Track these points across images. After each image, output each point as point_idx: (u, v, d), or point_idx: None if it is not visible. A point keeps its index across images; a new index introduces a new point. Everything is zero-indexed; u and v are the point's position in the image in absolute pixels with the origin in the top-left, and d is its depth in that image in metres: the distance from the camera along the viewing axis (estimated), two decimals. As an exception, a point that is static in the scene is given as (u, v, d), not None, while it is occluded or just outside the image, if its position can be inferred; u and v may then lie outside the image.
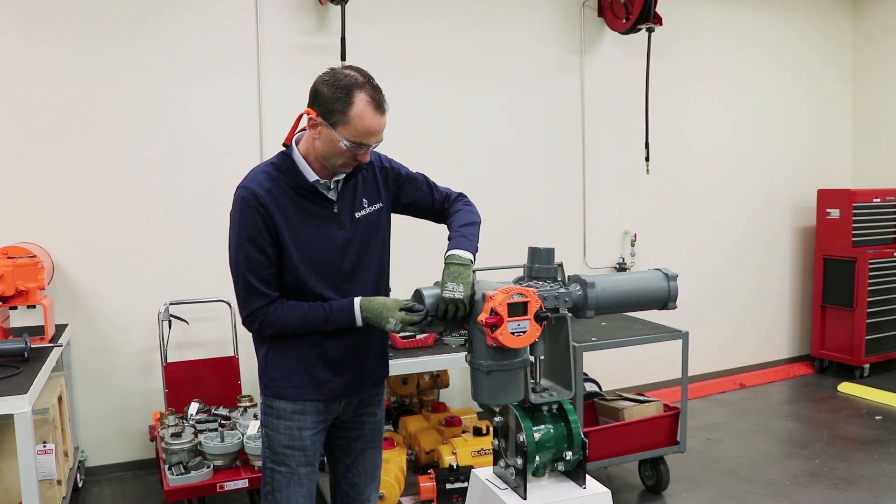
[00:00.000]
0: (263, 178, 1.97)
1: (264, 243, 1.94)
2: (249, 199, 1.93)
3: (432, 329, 2.05)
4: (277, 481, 2.10)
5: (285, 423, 2.08)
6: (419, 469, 3.67)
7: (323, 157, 1.97)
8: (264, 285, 1.96)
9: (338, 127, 1.89)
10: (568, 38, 5.11)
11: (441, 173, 4.72)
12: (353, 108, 1.87)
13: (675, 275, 2.25)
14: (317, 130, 1.93)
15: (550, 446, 2.08)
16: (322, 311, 2.00)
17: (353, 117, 1.88)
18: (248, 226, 1.93)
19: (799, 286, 6.24)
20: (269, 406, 2.10)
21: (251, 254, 1.94)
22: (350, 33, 4.21)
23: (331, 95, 1.89)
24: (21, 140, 3.83)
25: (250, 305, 1.98)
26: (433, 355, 3.27)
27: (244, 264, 1.95)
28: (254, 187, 1.94)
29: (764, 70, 5.87)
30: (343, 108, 1.87)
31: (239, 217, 1.95)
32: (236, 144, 4.22)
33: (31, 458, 2.54)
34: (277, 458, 2.09)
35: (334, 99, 1.88)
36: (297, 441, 2.09)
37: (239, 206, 1.95)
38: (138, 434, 4.14)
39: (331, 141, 1.91)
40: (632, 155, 5.24)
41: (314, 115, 1.92)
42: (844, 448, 4.37)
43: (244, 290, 1.98)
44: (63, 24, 3.84)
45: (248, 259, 1.94)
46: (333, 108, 1.88)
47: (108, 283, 4.02)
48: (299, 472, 2.10)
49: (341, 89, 1.88)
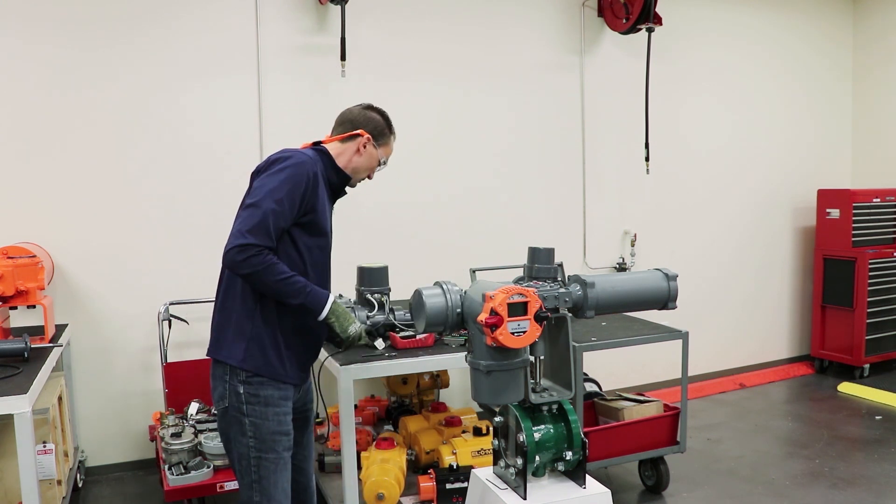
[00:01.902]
0: (316, 160, 2.27)
1: (298, 202, 2.15)
2: (308, 165, 2.19)
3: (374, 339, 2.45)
4: (265, 468, 2.19)
5: (273, 409, 2.20)
6: (419, 469, 3.67)
7: (355, 170, 2.40)
8: (275, 232, 2.11)
9: (380, 147, 2.43)
10: (568, 38, 5.11)
11: (441, 173, 4.79)
12: (393, 135, 2.47)
13: (675, 275, 2.25)
14: (364, 149, 2.38)
15: (550, 446, 2.08)
16: (303, 283, 2.15)
17: (391, 141, 2.47)
18: (297, 182, 2.15)
19: (799, 286, 6.25)
20: (254, 395, 2.18)
21: (284, 203, 2.12)
22: (350, 33, 4.22)
23: (382, 123, 2.44)
24: (21, 140, 3.83)
25: (252, 238, 2.06)
26: (433, 355, 3.27)
27: (273, 206, 2.10)
28: (313, 158, 2.25)
29: (764, 70, 5.87)
30: (389, 134, 2.46)
31: (291, 171, 2.15)
32: (236, 144, 4.22)
33: (31, 458, 2.54)
34: (266, 446, 2.19)
35: (385, 126, 2.44)
36: (284, 426, 2.23)
37: (296, 166, 2.17)
38: (138, 434, 4.14)
39: (373, 158, 2.41)
40: (632, 155, 5.25)
41: (369, 137, 2.38)
42: (844, 448, 4.37)
43: (256, 224, 2.08)
44: (63, 24, 3.84)
45: (279, 204, 2.11)
46: (383, 133, 2.43)
47: (108, 283, 4.02)
48: (284, 457, 2.24)
49: (388, 120, 2.46)
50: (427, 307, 1.99)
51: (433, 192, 4.73)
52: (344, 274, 2.95)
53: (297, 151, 2.25)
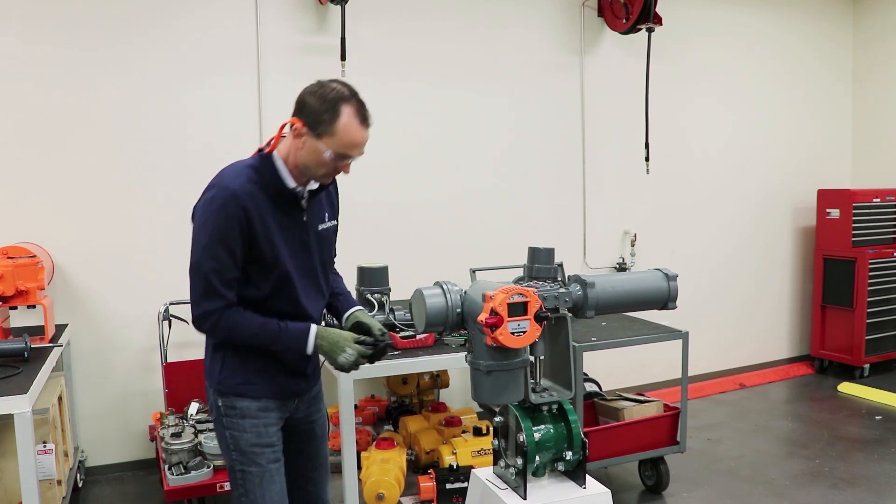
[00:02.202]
0: (244, 178, 1.95)
1: (236, 246, 1.94)
2: (230, 200, 1.91)
3: (375, 359, 2.11)
4: (249, 481, 2.09)
5: (251, 421, 2.08)
6: (419, 469, 3.67)
7: (304, 167, 1.99)
8: (225, 287, 1.96)
9: (324, 138, 1.93)
10: (568, 38, 5.11)
11: (441, 173, 4.78)
12: (339, 119, 1.91)
13: (675, 275, 2.25)
14: (301, 140, 1.95)
15: (550, 446, 2.08)
16: (276, 328, 2.01)
17: (339, 129, 1.92)
18: (224, 227, 1.91)
19: (799, 286, 6.24)
20: (230, 407, 2.08)
21: (220, 255, 1.93)
22: (350, 33, 4.22)
23: (318, 107, 1.92)
24: (21, 140, 3.83)
25: (207, 305, 1.96)
26: (433, 355, 3.27)
27: (210, 264, 1.93)
28: (235, 188, 1.92)
29: (764, 70, 5.87)
30: (330, 119, 1.91)
31: (215, 216, 1.91)
32: (236, 144, 4.20)
33: (31, 458, 2.54)
34: (247, 458, 2.08)
35: (322, 110, 1.91)
36: (264, 438, 2.10)
37: (217, 205, 1.91)
38: (138, 434, 4.14)
39: (315, 151, 1.94)
40: (632, 155, 5.25)
41: (300, 125, 1.94)
42: (844, 448, 4.37)
43: (204, 289, 1.95)
44: (63, 24, 3.84)
45: (215, 259, 1.93)
46: (321, 120, 1.91)
47: (108, 283, 4.02)
48: (270, 469, 2.11)
49: (329, 102, 1.91)
50: (427, 307, 1.98)
51: (433, 191, 4.72)
52: (344, 274, 2.94)
53: (225, 179, 1.96)
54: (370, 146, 2.04)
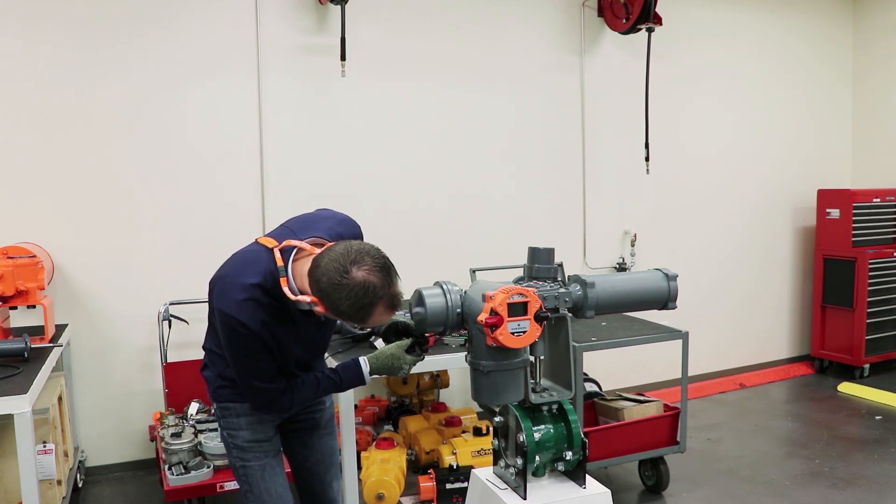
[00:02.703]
0: (255, 308, 1.89)
1: (265, 357, 1.99)
2: (251, 336, 1.91)
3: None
4: (252, 476, 2.17)
5: (246, 418, 2.17)
6: (419, 469, 3.67)
7: None
8: (270, 382, 2.04)
9: (350, 321, 1.88)
10: (568, 38, 5.11)
11: (440, 173, 4.78)
12: (371, 318, 1.85)
13: (675, 275, 2.25)
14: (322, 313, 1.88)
15: (550, 446, 2.08)
16: (334, 381, 2.15)
17: (369, 322, 1.87)
18: (251, 349, 1.95)
19: (799, 286, 6.24)
20: (226, 409, 2.18)
21: (253, 366, 2.00)
22: (350, 33, 4.21)
23: (350, 312, 1.82)
24: (21, 140, 3.83)
25: (261, 400, 2.07)
26: (433, 355, 3.26)
27: (247, 374, 2.01)
28: (255, 327, 1.89)
29: (764, 70, 5.87)
30: (363, 318, 1.83)
31: (241, 343, 1.94)
32: (236, 144, 4.22)
33: (31, 458, 2.54)
34: (247, 455, 2.18)
35: (353, 315, 1.83)
36: (260, 433, 2.18)
37: (240, 338, 1.92)
38: (138, 434, 4.14)
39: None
40: (632, 155, 5.24)
41: (322, 310, 1.86)
42: (844, 448, 4.37)
43: (251, 391, 2.05)
44: (63, 24, 3.84)
45: (250, 371, 2.01)
46: (351, 317, 1.83)
47: (108, 283, 4.02)
48: (271, 463, 2.20)
49: (364, 308, 1.80)
50: (427, 307, 1.98)
51: (433, 191, 4.72)
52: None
53: (233, 301, 1.89)
54: (370, 146, 2.05)
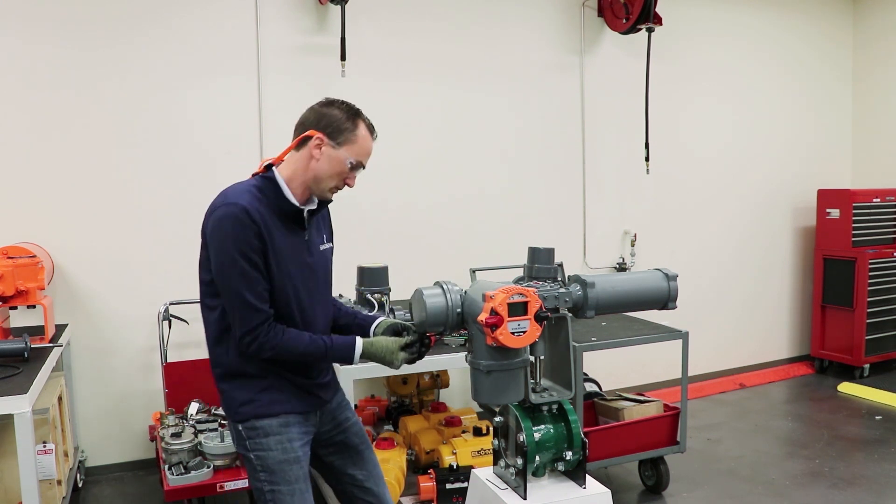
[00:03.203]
0: (250, 197, 1.96)
1: (257, 258, 1.94)
2: (241, 215, 1.91)
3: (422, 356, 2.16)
4: (280, 501, 2.05)
5: (275, 438, 2.05)
6: (419, 469, 3.67)
7: (316, 180, 2.02)
8: (260, 301, 1.96)
9: (344, 146, 2.01)
10: (568, 38, 5.11)
11: (440, 173, 4.78)
12: (358, 129, 2.02)
13: (675, 275, 2.25)
14: (320, 151, 2.00)
15: (550, 446, 2.08)
16: (323, 344, 2.04)
17: (359, 137, 2.02)
18: (242, 241, 1.91)
19: (799, 286, 6.24)
20: (252, 429, 2.06)
21: (246, 270, 1.93)
22: (350, 33, 4.21)
23: (340, 117, 2.01)
24: (21, 140, 3.83)
25: (249, 323, 1.95)
26: (433, 355, 3.26)
27: (240, 281, 1.93)
28: (244, 203, 1.92)
29: (764, 70, 5.87)
30: (352, 128, 2.01)
31: (231, 233, 1.91)
32: (236, 144, 4.22)
33: (31, 458, 2.54)
34: (276, 478, 2.05)
35: (343, 120, 2.01)
36: (290, 453, 2.07)
37: (229, 222, 1.92)
38: (138, 434, 4.14)
39: (334, 160, 2.00)
40: (632, 155, 5.24)
41: (321, 136, 1.99)
42: (844, 448, 4.37)
43: (241, 309, 1.95)
44: (63, 24, 3.84)
45: (243, 276, 1.93)
46: (343, 128, 2.00)
47: (108, 283, 4.02)
48: (300, 487, 2.07)
49: (350, 113, 2.02)
50: (427, 307, 1.98)
51: (433, 191, 4.72)
52: (344, 274, 2.95)
53: (230, 198, 1.95)
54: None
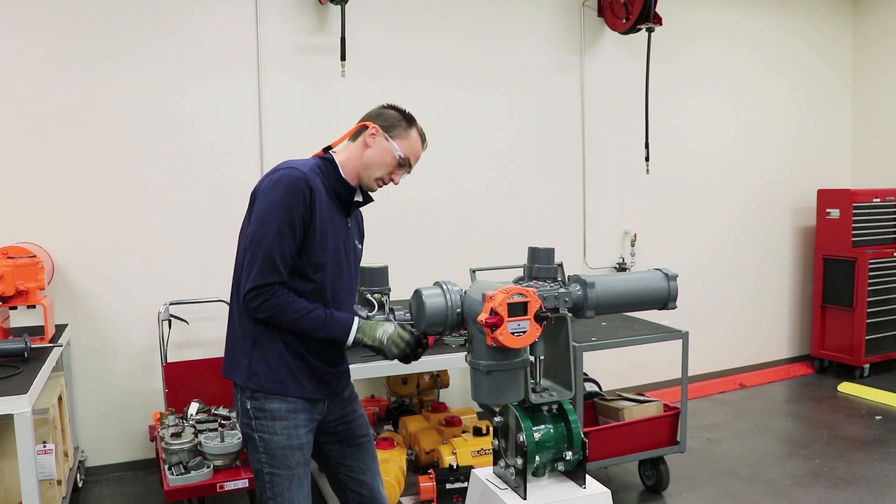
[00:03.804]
0: (310, 168, 2.09)
1: (298, 226, 2.02)
2: (300, 180, 2.02)
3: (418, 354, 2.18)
4: (278, 485, 2.10)
5: (282, 423, 2.10)
6: (419, 469, 3.67)
7: (367, 167, 2.17)
8: (283, 264, 2.02)
9: (396, 139, 2.17)
10: (568, 37, 5.11)
11: (440, 173, 4.79)
12: (412, 130, 2.21)
13: (675, 275, 2.25)
14: (373, 139, 2.17)
15: (550, 446, 2.08)
16: (323, 315, 2.06)
17: (411, 136, 2.21)
18: (292, 204, 2.00)
19: (799, 286, 6.24)
20: (260, 410, 2.10)
21: (284, 232, 2.00)
22: (350, 33, 4.22)
23: (396, 115, 2.21)
24: (21, 140, 3.83)
25: (262, 279, 2.00)
26: (433, 355, 3.27)
27: (273, 239, 2.00)
28: (305, 171, 2.05)
29: (764, 70, 5.87)
30: (406, 126, 2.20)
31: (283, 194, 2.00)
32: (236, 144, 4.22)
33: (31, 458, 2.54)
34: (276, 462, 2.10)
35: (399, 118, 2.21)
36: (294, 440, 2.11)
37: (286, 183, 2.01)
38: (138, 434, 4.14)
39: (386, 150, 2.16)
40: (632, 155, 5.25)
41: (375, 128, 2.17)
42: (844, 448, 4.37)
43: (263, 264, 2.00)
44: (63, 24, 3.84)
45: (279, 235, 2.00)
46: (397, 125, 2.19)
47: (108, 283, 4.02)
48: (298, 473, 2.12)
49: (405, 115, 2.23)
50: (427, 307, 1.98)
51: (433, 191, 4.72)
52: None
53: (293, 164, 2.08)
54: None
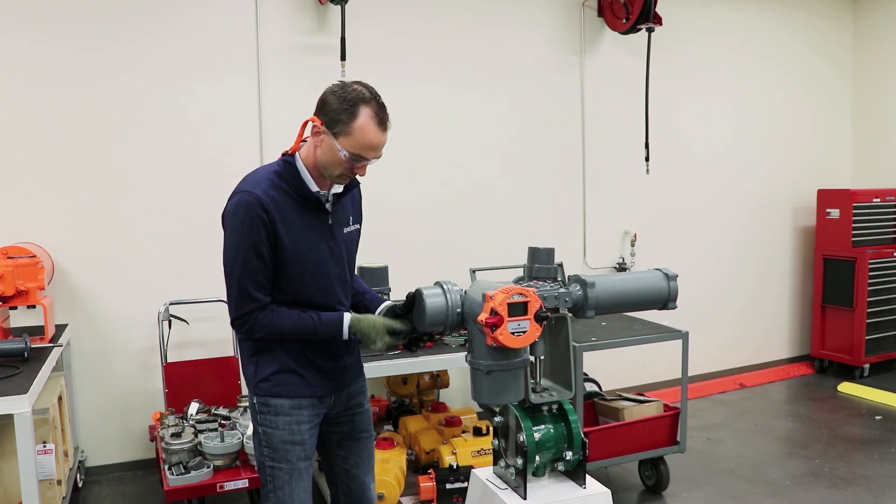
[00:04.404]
0: (267, 184, 2.00)
1: (263, 249, 1.97)
2: (253, 205, 1.95)
3: (410, 346, 2.16)
4: (279, 478, 2.13)
5: (284, 418, 2.12)
6: (419, 469, 3.67)
7: (322, 167, 2.02)
8: (258, 290, 2.00)
9: (339, 137, 1.95)
10: (568, 37, 5.11)
11: (441, 173, 4.79)
12: (356, 120, 1.93)
13: (675, 275, 2.25)
14: (319, 138, 1.98)
15: (550, 446, 2.09)
16: (312, 321, 2.07)
17: (355, 129, 1.94)
18: (250, 231, 1.95)
19: (799, 286, 6.24)
20: (265, 405, 2.13)
21: (250, 259, 1.97)
22: (350, 33, 4.21)
23: (337, 106, 1.94)
24: (21, 140, 3.83)
25: (242, 309, 2.02)
26: (433, 355, 3.27)
27: (241, 269, 1.98)
28: (258, 193, 1.96)
29: (764, 70, 5.87)
30: (347, 119, 1.93)
31: (241, 222, 1.96)
32: (236, 144, 4.22)
33: (31, 458, 2.54)
34: (278, 455, 2.12)
35: (340, 110, 1.94)
36: (296, 435, 2.13)
37: (242, 210, 1.96)
38: (138, 434, 4.14)
39: (331, 150, 1.97)
40: (632, 155, 5.24)
41: (318, 124, 1.97)
42: (844, 448, 4.37)
43: (237, 294, 2.01)
44: (64, 24, 3.84)
45: (246, 264, 1.97)
46: (338, 119, 1.94)
47: (108, 283, 4.02)
48: (299, 467, 2.14)
49: (347, 101, 1.94)
50: (427, 307, 1.98)
51: (433, 191, 4.72)
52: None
53: (248, 185, 2.00)
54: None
